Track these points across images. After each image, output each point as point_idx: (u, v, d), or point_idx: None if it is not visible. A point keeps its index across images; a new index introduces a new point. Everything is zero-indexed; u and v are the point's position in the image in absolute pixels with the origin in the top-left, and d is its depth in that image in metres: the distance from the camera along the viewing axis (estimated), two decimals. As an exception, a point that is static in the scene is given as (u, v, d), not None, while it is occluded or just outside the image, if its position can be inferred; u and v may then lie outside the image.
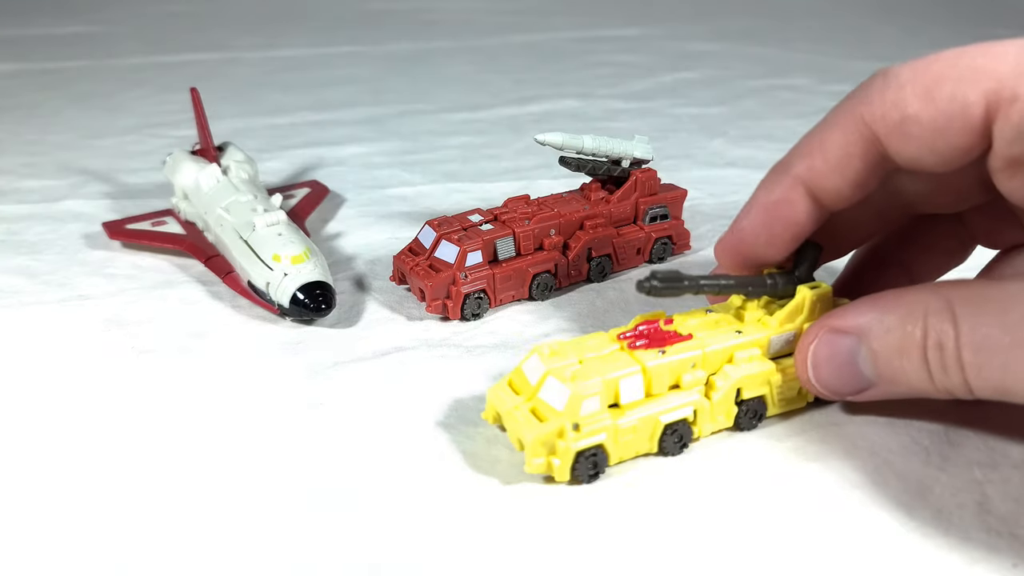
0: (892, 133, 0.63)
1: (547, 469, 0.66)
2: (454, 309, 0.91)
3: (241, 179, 1.10)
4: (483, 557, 0.61)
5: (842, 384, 0.68)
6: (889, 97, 0.62)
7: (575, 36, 2.26)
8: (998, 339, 0.57)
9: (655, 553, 0.61)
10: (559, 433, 0.66)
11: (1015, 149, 0.59)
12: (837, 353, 0.67)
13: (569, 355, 0.69)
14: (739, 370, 0.71)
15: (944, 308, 0.60)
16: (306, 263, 0.93)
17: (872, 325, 0.65)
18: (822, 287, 0.74)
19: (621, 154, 1.01)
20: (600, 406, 0.67)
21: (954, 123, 0.60)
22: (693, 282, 0.69)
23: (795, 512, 0.65)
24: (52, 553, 0.62)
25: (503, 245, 0.94)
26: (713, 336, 0.72)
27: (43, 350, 0.89)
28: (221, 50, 2.14)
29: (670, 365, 0.69)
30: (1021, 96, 0.58)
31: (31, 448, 0.74)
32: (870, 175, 0.67)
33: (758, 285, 0.73)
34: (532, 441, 0.65)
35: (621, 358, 0.69)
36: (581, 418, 0.66)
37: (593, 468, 0.67)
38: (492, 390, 0.71)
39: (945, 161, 0.63)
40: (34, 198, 1.29)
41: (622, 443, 0.68)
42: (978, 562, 0.60)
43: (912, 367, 0.63)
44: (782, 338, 0.73)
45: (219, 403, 0.80)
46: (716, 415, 0.72)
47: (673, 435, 0.70)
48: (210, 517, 0.66)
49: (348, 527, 0.64)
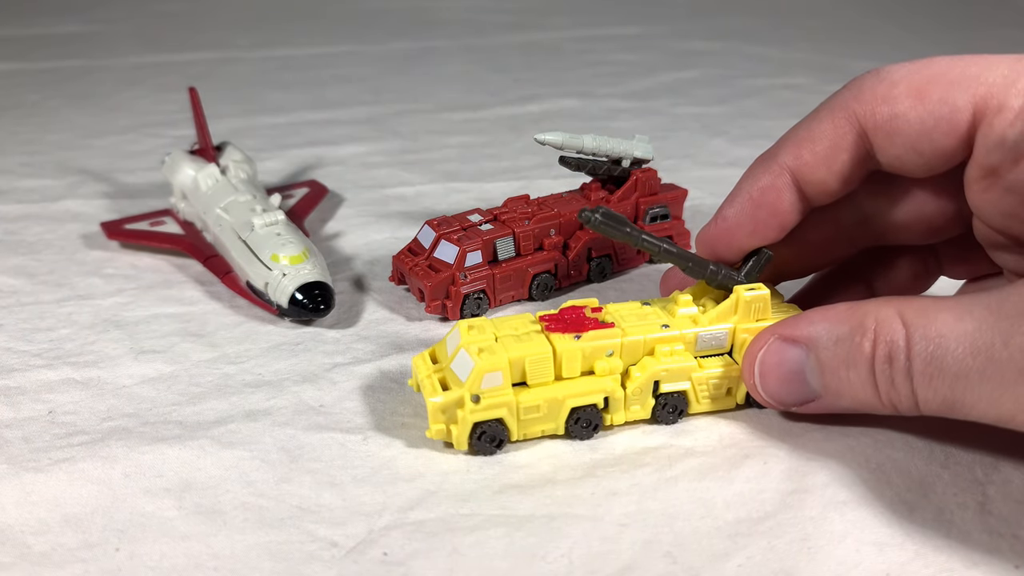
0: (880, 129, 0.64)
1: (446, 436, 0.70)
2: (453, 309, 0.91)
3: (240, 179, 1.10)
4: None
5: (787, 394, 0.68)
6: (880, 94, 0.63)
7: (575, 35, 2.26)
8: (950, 348, 0.57)
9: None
10: (459, 403, 0.69)
11: (992, 158, 0.60)
12: (784, 362, 0.66)
13: (488, 331, 0.72)
14: (658, 363, 0.72)
15: (894, 318, 0.60)
16: (305, 263, 0.92)
17: (821, 335, 0.64)
18: (761, 290, 0.73)
19: (621, 154, 1.01)
20: (503, 382, 0.69)
21: (941, 125, 0.61)
22: (635, 232, 0.70)
23: (795, 509, 0.65)
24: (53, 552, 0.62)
25: (503, 245, 0.94)
26: (635, 327, 0.72)
27: (42, 350, 0.88)
28: (220, 49, 2.14)
29: (583, 350, 0.71)
30: (1007, 107, 0.58)
31: (31, 447, 0.73)
32: (855, 171, 0.67)
33: (698, 264, 0.74)
34: (431, 408, 0.69)
35: (535, 339, 0.71)
36: (483, 391, 0.69)
37: (492, 440, 0.70)
38: (415, 358, 0.75)
39: (927, 164, 0.63)
40: (32, 198, 1.29)
41: (525, 420, 0.71)
42: (979, 563, 0.60)
43: (859, 379, 0.62)
44: (711, 336, 0.73)
45: (218, 403, 0.79)
46: (631, 405, 0.73)
47: (580, 420, 0.72)
48: (209, 517, 0.65)
49: (348, 527, 0.64)
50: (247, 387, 0.82)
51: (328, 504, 0.67)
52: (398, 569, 0.60)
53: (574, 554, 0.61)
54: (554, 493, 0.67)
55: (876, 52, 2.03)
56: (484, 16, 2.45)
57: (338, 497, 0.67)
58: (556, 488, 0.68)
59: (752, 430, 0.74)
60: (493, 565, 0.61)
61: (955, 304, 0.58)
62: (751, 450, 0.72)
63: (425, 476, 0.70)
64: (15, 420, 0.77)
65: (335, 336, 0.90)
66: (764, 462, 0.70)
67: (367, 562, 0.61)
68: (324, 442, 0.74)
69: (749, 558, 0.61)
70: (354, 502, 0.67)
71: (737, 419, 0.76)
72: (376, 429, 0.75)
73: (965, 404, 0.57)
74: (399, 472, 0.70)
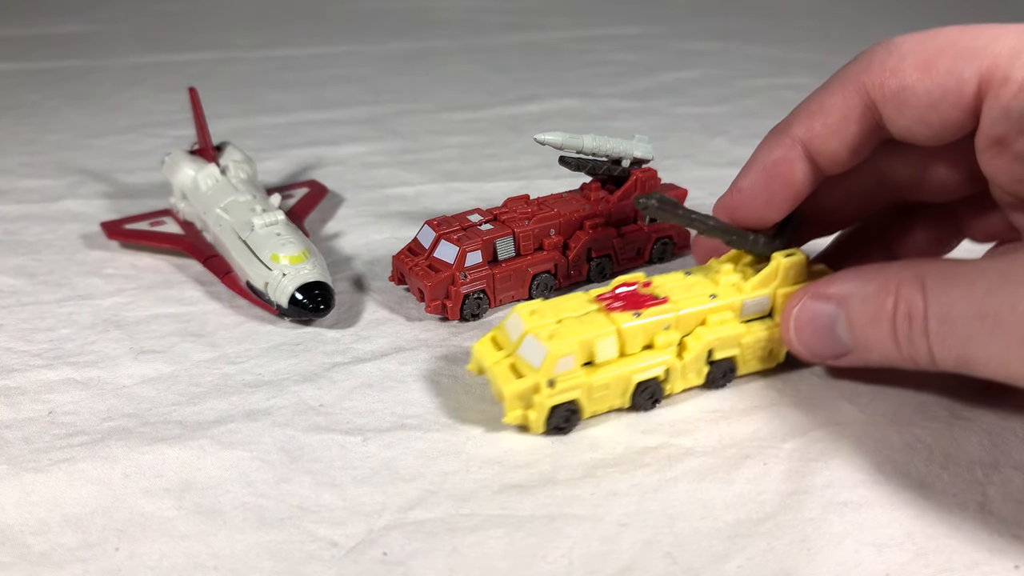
0: (889, 101, 0.66)
1: (523, 420, 0.72)
2: (453, 309, 0.91)
3: (240, 179, 1.10)
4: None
5: (822, 348, 0.71)
6: (889, 66, 0.65)
7: (575, 35, 2.26)
8: (962, 311, 0.60)
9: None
10: (535, 389, 0.71)
11: (998, 129, 0.62)
12: (817, 317, 0.70)
13: (549, 315, 0.74)
14: (711, 332, 0.76)
15: (915, 280, 0.63)
16: (305, 263, 0.92)
17: (851, 294, 0.68)
18: (797, 255, 0.77)
19: (621, 154, 1.00)
20: (574, 364, 0.72)
21: (948, 97, 0.63)
22: (686, 213, 0.75)
23: (794, 510, 0.65)
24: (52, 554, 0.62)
25: (503, 245, 0.94)
26: (687, 300, 0.76)
27: (42, 350, 0.88)
28: (219, 49, 2.14)
29: (644, 327, 0.74)
30: (1012, 79, 0.60)
31: (31, 447, 0.73)
32: (865, 141, 0.70)
33: (741, 236, 0.78)
34: (509, 395, 0.71)
35: (597, 319, 0.74)
36: (556, 375, 0.71)
37: (566, 421, 0.73)
38: (477, 345, 0.76)
39: (936, 134, 0.66)
40: (32, 198, 1.28)
41: (595, 398, 0.73)
42: (979, 563, 0.60)
43: (883, 335, 0.65)
44: (754, 302, 0.77)
45: (218, 403, 0.79)
46: (687, 374, 0.77)
47: (644, 392, 0.75)
48: (209, 517, 0.65)
49: (348, 526, 0.64)
50: (247, 387, 0.82)
51: (328, 504, 0.67)
52: (398, 569, 0.61)
53: (574, 554, 0.61)
54: (554, 493, 0.67)
55: (876, 52, 2.03)
56: (484, 16, 2.45)
57: (338, 497, 0.67)
58: (556, 488, 0.68)
59: (752, 430, 0.74)
60: (493, 565, 0.61)
61: (971, 269, 0.61)
62: (751, 450, 0.72)
63: (425, 476, 0.70)
64: (15, 420, 0.77)
65: (335, 336, 0.90)
66: (764, 463, 0.70)
67: (367, 562, 0.61)
68: (324, 442, 0.74)
69: (749, 559, 0.61)
70: (354, 502, 0.67)
71: (737, 419, 0.76)
72: (376, 429, 0.75)
73: (976, 363, 0.60)
74: (399, 472, 0.70)
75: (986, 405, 0.77)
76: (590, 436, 0.74)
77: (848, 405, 0.77)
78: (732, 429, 0.74)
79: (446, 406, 0.78)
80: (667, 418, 0.76)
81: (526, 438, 0.74)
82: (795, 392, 0.79)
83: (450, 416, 0.77)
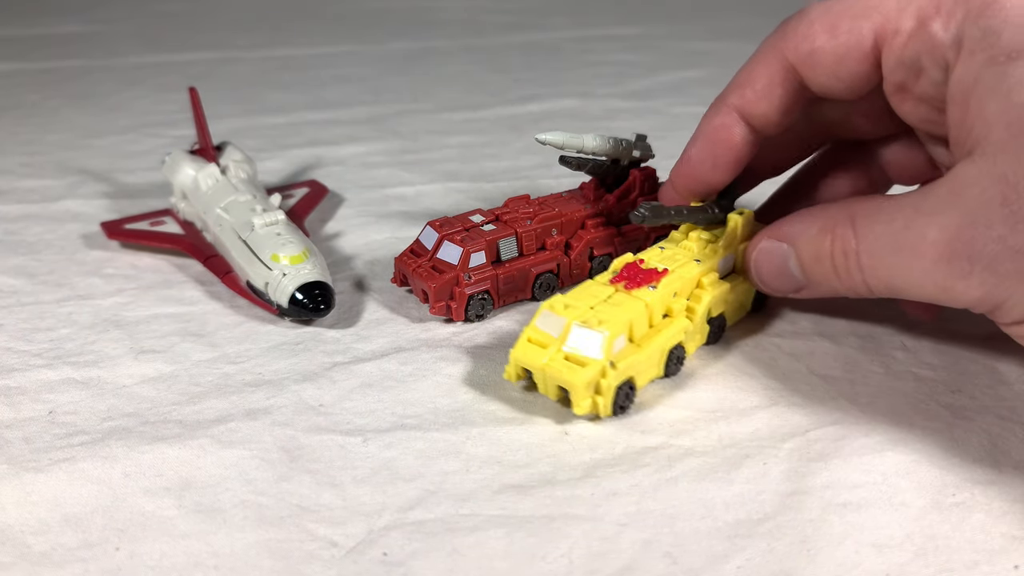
0: (804, 63, 0.74)
1: (593, 408, 0.74)
2: (458, 310, 0.91)
3: (240, 179, 1.10)
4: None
5: (780, 284, 0.78)
6: (801, 32, 0.73)
7: (575, 35, 2.25)
8: (885, 244, 0.67)
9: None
10: (602, 373, 0.74)
11: (897, 76, 0.70)
12: (773, 257, 0.77)
13: (579, 305, 0.77)
14: (707, 293, 0.83)
15: (848, 219, 0.70)
16: (305, 263, 0.92)
17: (798, 234, 0.75)
18: (746, 213, 0.87)
19: (620, 153, 1.00)
20: (625, 344, 0.76)
21: (852, 54, 0.71)
22: (669, 212, 0.84)
23: (794, 511, 0.65)
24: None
25: (505, 245, 0.94)
26: (683, 267, 0.83)
27: (42, 350, 0.88)
28: (219, 49, 2.13)
29: (662, 297, 0.80)
30: (901, 30, 0.68)
31: (31, 447, 0.73)
32: (792, 101, 0.78)
33: (704, 213, 0.87)
34: (582, 385, 0.73)
35: (623, 299, 0.79)
36: (614, 356, 0.74)
37: (626, 398, 0.76)
38: (516, 350, 0.77)
39: (850, 88, 0.73)
40: (32, 198, 1.28)
41: (642, 372, 0.78)
42: (979, 563, 0.60)
43: (826, 271, 0.72)
44: (724, 261, 0.86)
45: (218, 403, 0.79)
46: (696, 335, 0.83)
47: (672, 357, 0.80)
48: (209, 515, 0.65)
49: (348, 526, 0.64)
50: (247, 386, 0.82)
51: (328, 503, 0.67)
52: (398, 569, 0.61)
53: (574, 554, 0.61)
54: (554, 493, 0.67)
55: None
56: (484, 16, 2.45)
57: (338, 496, 0.67)
58: (556, 488, 0.68)
59: (752, 430, 0.74)
60: (493, 565, 0.61)
61: (892, 204, 0.67)
62: (751, 450, 0.72)
63: (425, 476, 0.70)
64: (15, 420, 0.77)
65: (335, 336, 0.90)
66: (764, 463, 0.70)
67: (367, 562, 0.61)
68: (324, 442, 0.74)
69: (748, 559, 0.61)
70: (354, 502, 0.67)
71: (737, 419, 0.76)
72: (376, 429, 0.75)
73: (902, 290, 0.68)
74: (399, 472, 0.70)
75: (986, 405, 0.77)
76: (590, 436, 0.74)
77: (848, 405, 0.77)
78: (732, 429, 0.74)
79: (446, 406, 0.78)
80: (667, 418, 0.76)
81: (526, 438, 0.74)
82: (795, 392, 0.79)
83: (450, 416, 0.77)
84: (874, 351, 0.85)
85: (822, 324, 0.90)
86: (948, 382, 0.80)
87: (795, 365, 0.83)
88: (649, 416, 0.76)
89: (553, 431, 0.75)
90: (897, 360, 0.84)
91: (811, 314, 0.92)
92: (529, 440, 0.73)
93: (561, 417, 0.76)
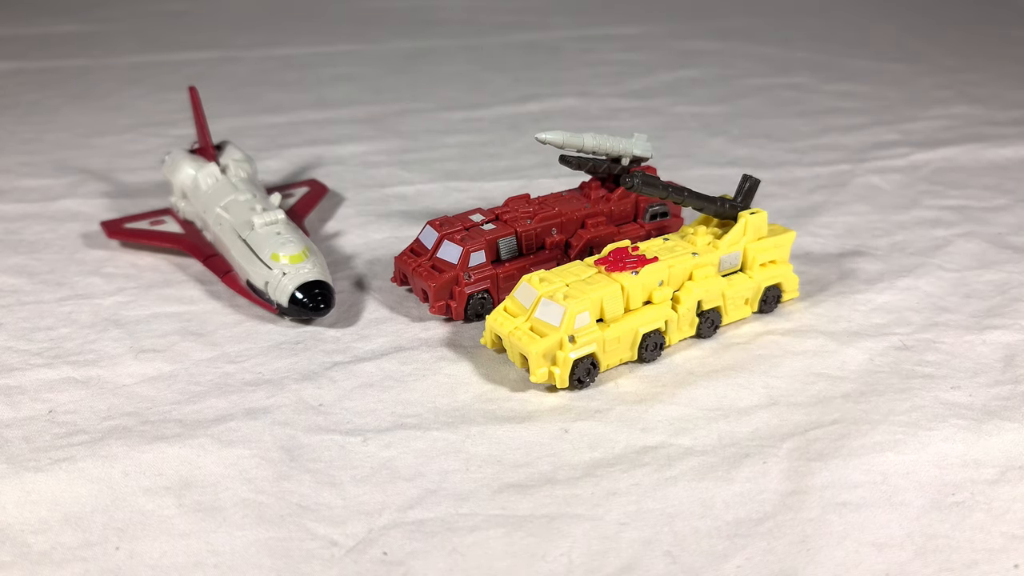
0: None
1: (548, 378, 0.77)
2: (458, 310, 0.91)
3: (240, 178, 1.10)
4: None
5: None
6: None
7: (575, 35, 2.25)
8: None
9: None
10: (558, 345, 0.76)
11: None
12: None
13: (557, 280, 0.81)
14: (698, 286, 0.85)
15: None
16: (305, 262, 0.92)
17: None
18: (759, 212, 0.88)
19: (621, 152, 1.00)
20: (590, 320, 0.78)
21: None
22: (665, 187, 0.84)
23: (794, 510, 0.65)
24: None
25: (505, 244, 0.94)
26: (675, 258, 0.84)
27: (42, 349, 0.88)
28: (219, 49, 2.13)
29: (643, 283, 0.82)
30: None
31: (31, 447, 0.73)
32: None
33: (710, 202, 0.87)
34: (536, 354, 0.76)
35: (604, 280, 0.81)
36: (575, 331, 0.77)
37: (587, 374, 0.78)
38: (490, 317, 0.82)
39: None
40: (32, 197, 1.28)
41: (609, 351, 0.80)
42: (978, 563, 0.60)
43: None
44: (729, 258, 0.87)
45: (218, 402, 0.79)
46: (682, 325, 0.85)
47: (648, 342, 0.82)
48: (209, 514, 0.65)
49: (348, 525, 0.64)
50: (247, 386, 0.82)
51: (328, 503, 0.67)
52: (398, 569, 0.61)
53: (574, 554, 0.62)
54: (554, 493, 0.67)
55: (876, 52, 2.03)
56: (484, 16, 2.45)
57: (338, 496, 0.67)
58: (556, 488, 0.68)
59: (752, 430, 0.74)
60: (493, 565, 0.61)
61: None
62: (751, 450, 0.72)
63: (424, 476, 0.70)
64: (15, 420, 0.77)
65: (335, 335, 0.90)
66: (764, 462, 0.70)
67: (367, 561, 0.61)
68: (324, 441, 0.74)
69: (748, 559, 0.61)
70: (354, 501, 0.67)
71: (737, 418, 0.76)
72: (376, 429, 0.75)
73: None
74: (398, 471, 0.70)
75: (986, 404, 0.77)
76: (589, 435, 0.74)
77: (848, 405, 0.77)
78: (732, 428, 0.74)
79: (446, 406, 0.78)
80: (666, 417, 0.76)
81: (526, 437, 0.74)
82: (795, 392, 0.79)
83: (450, 415, 0.77)
84: (874, 350, 0.85)
85: (823, 323, 0.90)
86: (948, 381, 0.80)
87: (796, 364, 0.83)
88: (649, 414, 0.76)
89: (553, 430, 0.75)
90: (897, 359, 0.84)
91: (812, 313, 0.92)
92: (529, 439, 0.74)
93: (561, 416, 0.76)
